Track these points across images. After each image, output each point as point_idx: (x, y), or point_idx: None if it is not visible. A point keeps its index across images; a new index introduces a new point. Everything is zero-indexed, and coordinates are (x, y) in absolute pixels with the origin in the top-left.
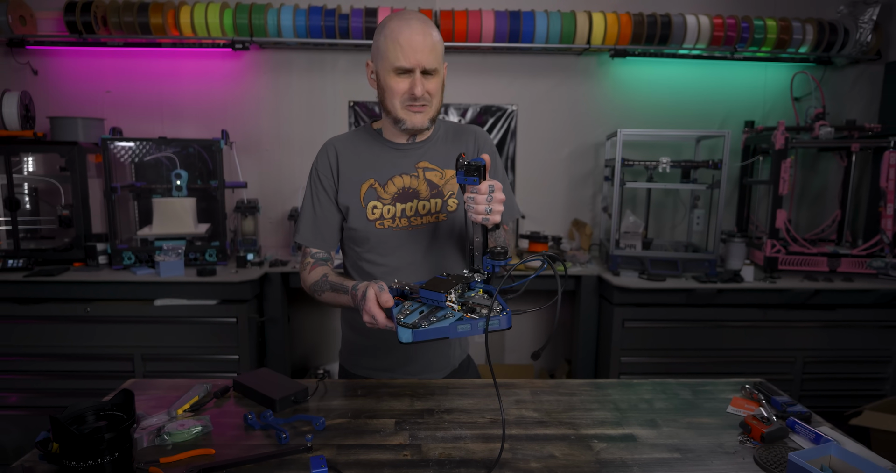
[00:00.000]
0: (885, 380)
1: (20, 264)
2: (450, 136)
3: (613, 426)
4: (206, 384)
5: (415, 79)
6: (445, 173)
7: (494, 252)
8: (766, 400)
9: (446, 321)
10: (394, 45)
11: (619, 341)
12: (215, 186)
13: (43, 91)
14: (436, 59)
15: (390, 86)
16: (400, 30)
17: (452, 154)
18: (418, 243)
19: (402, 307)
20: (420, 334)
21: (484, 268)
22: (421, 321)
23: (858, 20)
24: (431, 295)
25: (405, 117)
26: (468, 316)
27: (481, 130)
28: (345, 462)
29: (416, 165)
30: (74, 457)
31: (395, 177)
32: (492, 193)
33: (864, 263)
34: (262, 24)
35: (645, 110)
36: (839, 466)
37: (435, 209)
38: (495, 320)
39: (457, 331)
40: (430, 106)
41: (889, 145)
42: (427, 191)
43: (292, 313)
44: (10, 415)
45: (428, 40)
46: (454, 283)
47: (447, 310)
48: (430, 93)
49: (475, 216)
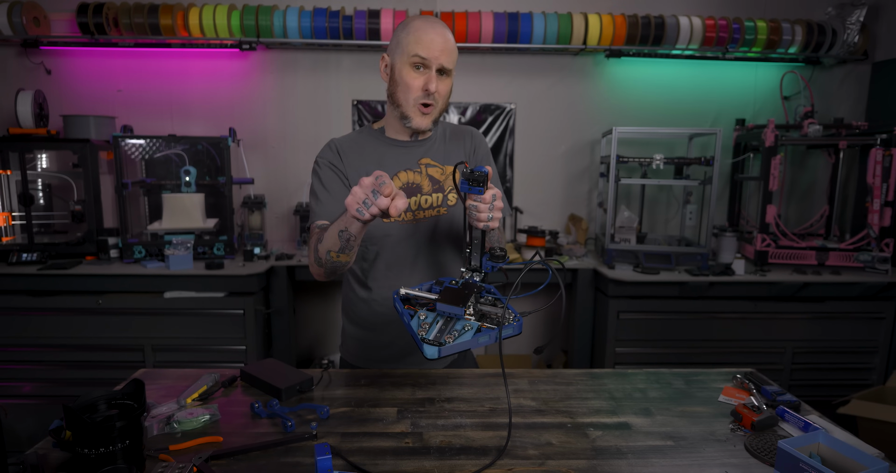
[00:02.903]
0: (872, 370)
1: (34, 258)
2: (448, 135)
3: (609, 414)
4: (214, 373)
5: (431, 75)
6: (446, 170)
7: (494, 254)
8: (756, 390)
9: (467, 335)
10: (416, 40)
11: (614, 332)
12: (223, 182)
13: (56, 90)
14: (452, 61)
15: (406, 81)
16: (425, 29)
17: (452, 152)
18: (421, 236)
19: (419, 319)
20: (445, 350)
21: (483, 268)
22: (442, 335)
23: (846, 21)
24: (450, 309)
25: (413, 116)
26: (485, 326)
27: (476, 130)
28: (348, 449)
29: (419, 161)
30: (87, 445)
31: (400, 172)
32: (493, 201)
33: (851, 256)
34: (268, 26)
35: (639, 109)
36: (827, 453)
37: (436, 203)
38: (509, 328)
39: (477, 343)
40: (436, 107)
41: (875, 143)
42: (429, 186)
43: (297, 305)
44: (24, 404)
45: (449, 44)
46: (467, 293)
47: (465, 321)
48: (440, 93)
49: (477, 223)
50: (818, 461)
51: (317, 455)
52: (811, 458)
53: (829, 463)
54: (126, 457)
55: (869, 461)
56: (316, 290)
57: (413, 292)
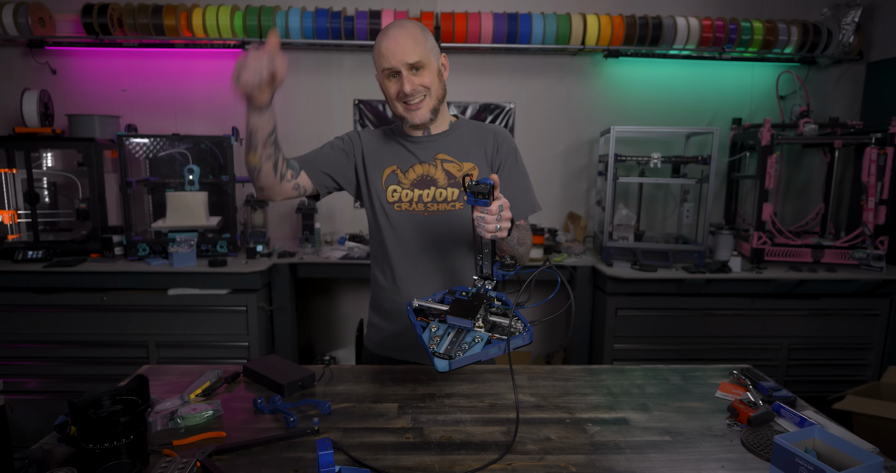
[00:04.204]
0: (867, 366)
1: (40, 256)
2: (469, 132)
3: (607, 410)
4: (217, 370)
5: (402, 78)
6: (463, 166)
7: (504, 263)
8: (752, 385)
9: (477, 347)
10: (378, 54)
11: (612, 328)
12: (226, 180)
13: (61, 90)
14: (418, 52)
15: (386, 89)
16: (381, 40)
17: (471, 149)
18: (433, 229)
19: (430, 331)
20: (455, 363)
21: (494, 276)
22: (453, 348)
23: (841, 22)
24: (459, 322)
25: (406, 115)
26: (495, 338)
27: (502, 129)
28: (350, 444)
29: (436, 156)
30: (91, 440)
31: (416, 165)
32: (500, 212)
33: (846, 254)
34: (270, 26)
35: (637, 108)
36: (822, 448)
37: (451, 198)
38: (519, 338)
39: (487, 354)
40: (429, 97)
41: (870, 142)
42: (445, 180)
43: (299, 302)
44: (29, 400)
45: (407, 40)
46: (476, 305)
47: (475, 333)
48: (423, 85)
49: (485, 234)
50: (814, 456)
51: (319, 450)
52: (807, 453)
53: (824, 458)
54: (130, 452)
55: (864, 456)
56: (318, 287)
57: (425, 303)
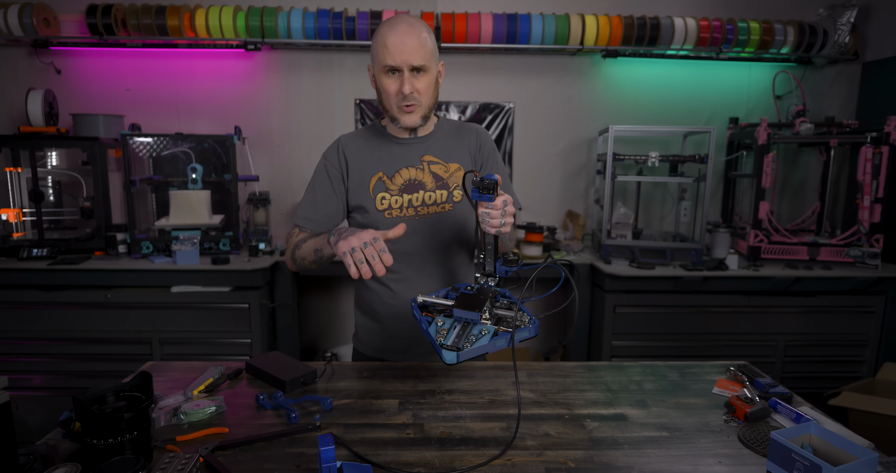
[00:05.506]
0: (862, 363)
1: (44, 253)
2: (452, 132)
3: (605, 406)
4: (220, 366)
5: (403, 78)
6: (449, 167)
7: (507, 259)
8: (749, 382)
9: (484, 339)
10: (382, 48)
11: (610, 326)
12: (229, 179)
13: (66, 89)
14: (423, 56)
15: (383, 86)
16: (387, 34)
17: (455, 149)
18: (425, 232)
19: (437, 325)
20: (464, 355)
21: (497, 273)
22: (460, 341)
23: (837, 22)
24: (466, 315)
25: (398, 116)
26: (501, 330)
27: (481, 127)
28: (351, 440)
29: (422, 158)
30: (95, 436)
31: (402, 169)
32: (504, 207)
33: (842, 252)
34: (272, 26)
35: (635, 108)
36: (819, 444)
37: (441, 200)
38: (525, 330)
39: (494, 346)
40: (421, 105)
41: (865, 141)
42: (432, 183)
43: (301, 299)
44: (34, 396)
45: (414, 40)
46: (482, 299)
47: (482, 326)
48: (419, 91)
49: (489, 229)
50: (810, 451)
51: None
52: (803, 449)
53: (820, 454)
54: (134, 448)
55: (859, 451)
56: (319, 284)
57: (430, 299)
